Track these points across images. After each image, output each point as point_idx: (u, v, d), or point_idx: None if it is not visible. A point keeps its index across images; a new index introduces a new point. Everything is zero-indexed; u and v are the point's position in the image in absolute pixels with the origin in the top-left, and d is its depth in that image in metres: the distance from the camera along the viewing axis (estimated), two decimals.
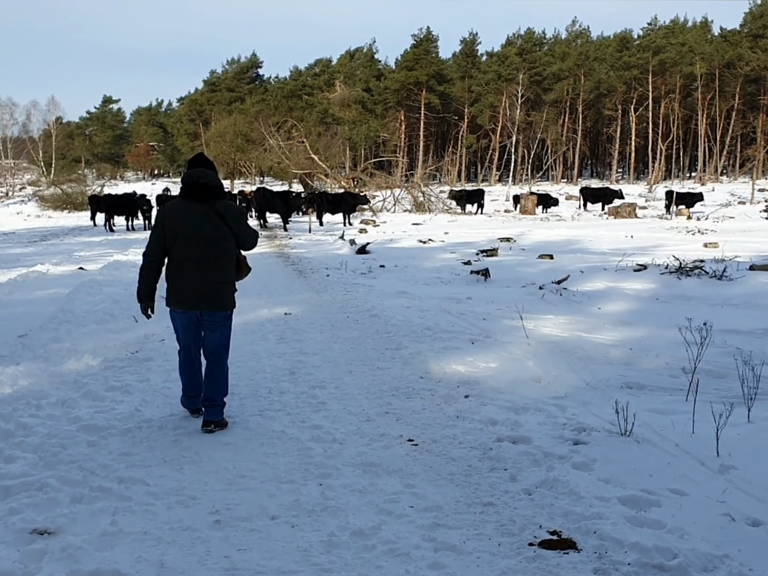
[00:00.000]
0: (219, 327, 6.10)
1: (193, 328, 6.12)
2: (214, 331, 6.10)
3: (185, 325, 6.13)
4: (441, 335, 8.84)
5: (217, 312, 6.04)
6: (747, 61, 76.15)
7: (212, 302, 5.99)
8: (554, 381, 6.90)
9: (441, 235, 25.00)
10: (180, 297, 5.99)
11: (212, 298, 5.97)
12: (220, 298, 6.02)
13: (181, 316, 6.09)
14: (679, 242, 21.30)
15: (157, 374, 7.44)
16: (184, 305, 6.01)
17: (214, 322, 6.07)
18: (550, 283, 13.24)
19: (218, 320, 6.07)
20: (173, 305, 6.08)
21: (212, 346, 6.13)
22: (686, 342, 6.73)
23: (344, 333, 9.38)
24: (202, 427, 5.90)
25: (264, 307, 11.33)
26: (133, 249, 22.49)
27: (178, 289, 5.96)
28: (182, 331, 6.19)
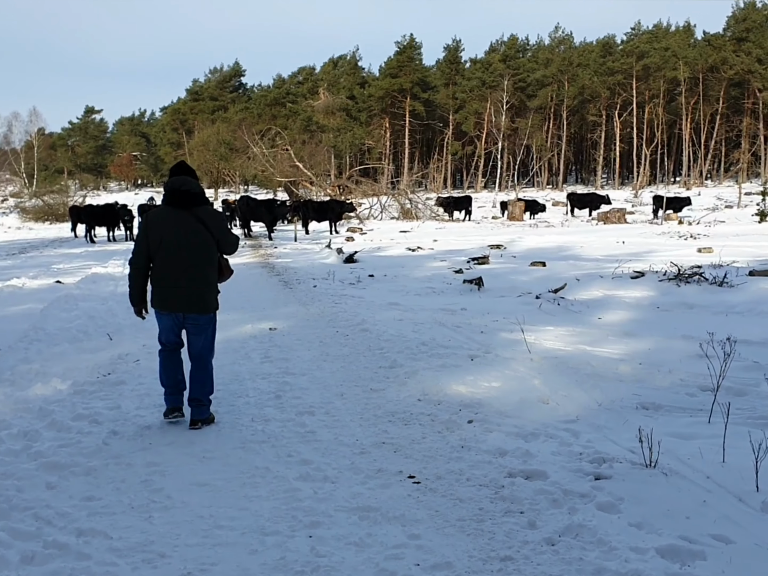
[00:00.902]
0: (203, 330, 6.30)
1: (176, 328, 6.33)
2: (198, 335, 6.30)
3: (169, 326, 6.32)
4: (438, 351, 8.26)
5: (201, 315, 6.25)
6: (731, 65, 76.15)
7: (196, 305, 6.20)
8: (563, 402, 6.33)
9: (430, 243, 24.45)
10: (164, 300, 6.19)
11: (195, 302, 6.19)
12: (203, 302, 6.23)
13: (166, 316, 6.28)
14: (673, 247, 20.82)
15: (129, 400, 6.82)
16: (168, 308, 6.21)
17: (197, 326, 6.27)
18: (546, 292, 12.71)
19: (202, 323, 6.28)
20: (157, 307, 6.26)
21: (197, 349, 6.32)
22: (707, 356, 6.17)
23: (334, 350, 8.77)
24: (190, 426, 6.11)
25: (248, 322, 10.72)
26: (113, 261, 21.86)
27: (163, 293, 6.17)
28: (166, 331, 6.36)
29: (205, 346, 6.35)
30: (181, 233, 6.07)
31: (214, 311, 6.40)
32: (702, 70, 78.35)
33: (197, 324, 6.27)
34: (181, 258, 6.08)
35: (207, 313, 6.30)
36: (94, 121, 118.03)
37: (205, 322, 6.30)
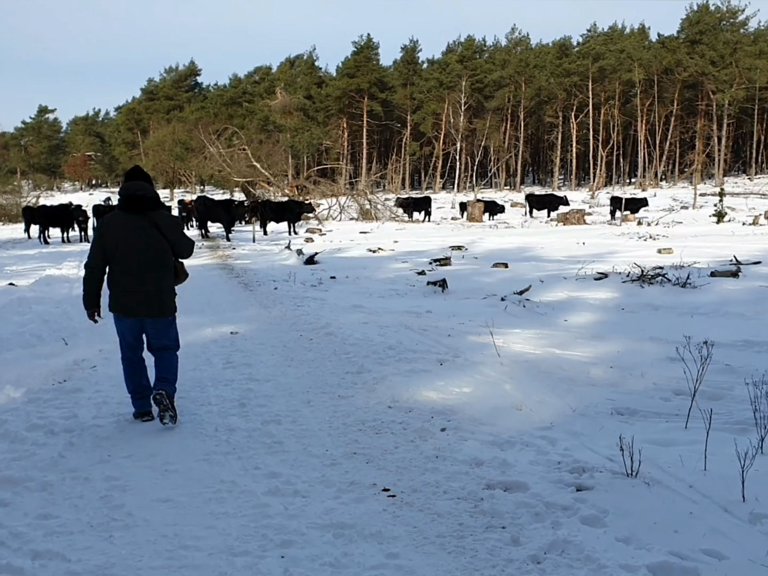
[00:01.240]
0: (163, 333, 6.37)
1: (136, 332, 6.36)
2: (159, 339, 6.37)
3: (128, 330, 6.34)
4: (405, 355, 8.05)
5: (159, 319, 6.31)
6: (685, 67, 77.12)
7: (154, 309, 6.26)
8: (537, 408, 6.17)
9: (390, 244, 24.26)
10: (122, 304, 6.20)
11: (153, 306, 6.24)
12: (161, 305, 6.29)
13: (125, 321, 6.29)
14: (633, 248, 20.87)
15: (86, 409, 6.52)
16: (126, 312, 6.23)
17: (157, 329, 6.33)
18: (512, 294, 12.58)
19: (161, 327, 6.34)
20: (116, 311, 6.28)
21: (161, 344, 6.37)
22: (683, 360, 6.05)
23: (298, 354, 8.53)
24: (155, 393, 6.11)
25: (208, 326, 10.44)
26: (67, 262, 21.37)
27: (121, 297, 6.18)
28: (125, 336, 6.39)
29: (171, 340, 6.46)
30: (137, 238, 6.13)
31: (173, 314, 6.47)
32: (657, 72, 79.30)
33: (157, 328, 6.34)
34: (138, 262, 6.14)
35: (166, 316, 6.37)
36: (48, 121, 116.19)
37: (165, 325, 6.37)
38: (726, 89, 75.05)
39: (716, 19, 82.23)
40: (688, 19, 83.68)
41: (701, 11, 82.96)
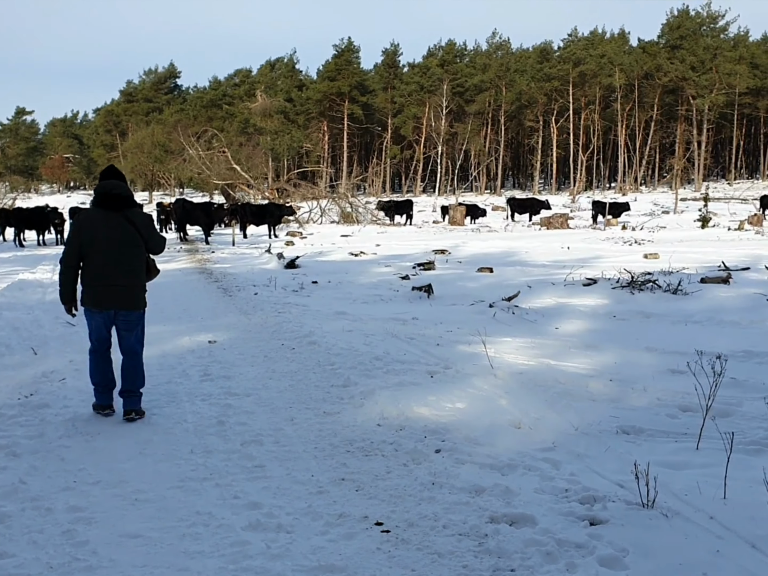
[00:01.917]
0: (133, 327, 6.60)
1: (107, 326, 6.54)
2: (129, 331, 6.58)
3: (100, 324, 6.50)
4: (393, 367, 7.63)
5: (131, 312, 6.53)
6: (665, 72, 77.30)
7: (126, 303, 6.47)
8: (537, 426, 5.77)
9: (372, 248, 23.89)
10: (96, 298, 6.39)
11: (126, 299, 6.46)
12: (133, 299, 6.52)
13: (97, 315, 6.46)
14: (618, 253, 20.63)
15: (53, 427, 6.05)
16: (100, 305, 6.41)
17: (128, 322, 6.54)
18: (500, 301, 12.19)
19: (132, 320, 6.56)
20: (89, 305, 6.44)
21: (129, 345, 6.61)
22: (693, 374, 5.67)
23: (280, 366, 8.07)
24: (124, 416, 6.35)
25: (185, 334, 9.97)
26: (42, 266, 20.82)
27: (94, 291, 6.37)
28: (96, 329, 6.54)
29: (137, 341, 6.68)
30: (112, 234, 6.34)
31: (143, 308, 6.71)
32: (637, 77, 79.49)
33: (128, 321, 6.55)
34: (113, 257, 6.35)
35: (138, 310, 6.61)
36: (25, 123, 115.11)
37: (136, 318, 6.61)
38: (706, 94, 75.30)
39: (696, 25, 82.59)
40: (669, 24, 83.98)
41: (682, 16, 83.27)
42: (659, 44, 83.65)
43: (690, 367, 5.80)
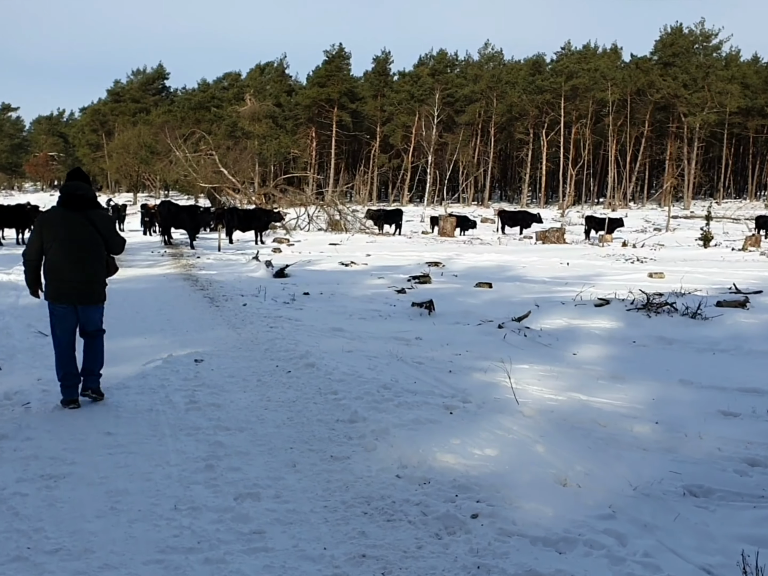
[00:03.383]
0: (93, 318, 6.96)
1: (69, 318, 6.82)
2: (89, 324, 6.94)
3: (62, 316, 6.80)
4: (405, 398, 6.69)
5: (91, 306, 6.90)
6: (657, 89, 76.98)
7: (86, 298, 6.84)
8: (586, 482, 4.85)
9: (363, 257, 22.99)
10: (58, 293, 6.74)
11: (86, 294, 6.82)
12: (93, 294, 6.88)
13: (59, 308, 6.78)
14: (621, 271, 19.80)
15: (9, 467, 5.07)
16: (61, 300, 6.76)
17: (88, 315, 6.90)
18: (509, 321, 11.30)
19: (91, 313, 6.92)
20: (51, 299, 6.79)
21: (89, 332, 6.96)
22: (749, 419, 4.79)
23: (276, 392, 7.10)
24: (82, 392, 6.80)
25: (168, 350, 9.00)
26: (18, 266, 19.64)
27: (56, 286, 6.72)
28: (59, 322, 6.82)
29: (96, 327, 7.01)
30: (75, 232, 6.71)
31: (103, 302, 7.06)
32: (629, 93, 79.08)
33: (88, 313, 6.90)
34: (73, 255, 6.70)
35: (97, 304, 6.97)
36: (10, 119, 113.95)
37: (95, 311, 6.97)
38: (697, 112, 74.99)
39: (690, 42, 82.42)
40: (662, 41, 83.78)
41: (675, 33, 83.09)
42: (652, 61, 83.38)
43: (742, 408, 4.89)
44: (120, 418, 6.21)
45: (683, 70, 77.83)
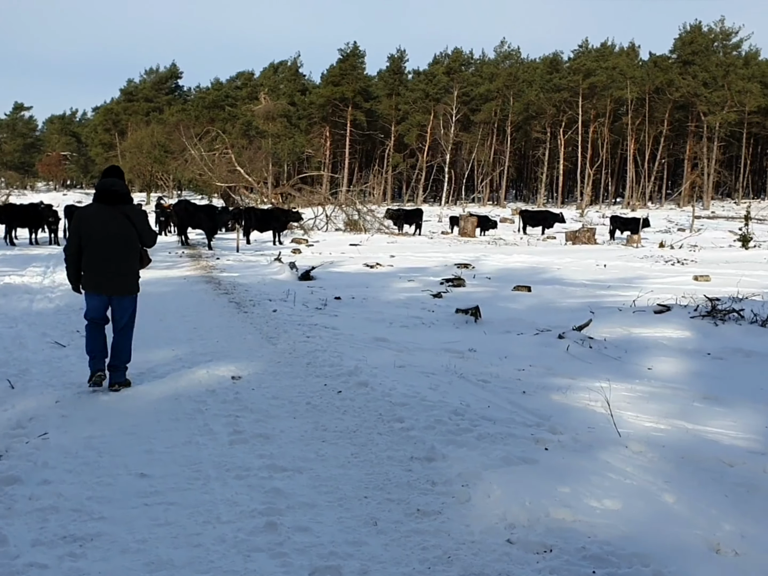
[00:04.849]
0: (126, 309, 7.28)
1: (103, 307, 7.19)
2: (122, 313, 7.25)
3: (97, 305, 7.16)
4: (484, 428, 5.68)
5: (125, 297, 7.23)
6: (677, 87, 75.69)
7: (121, 289, 7.18)
8: (743, 548, 3.84)
9: (387, 259, 22.06)
10: (94, 284, 7.08)
11: (121, 286, 7.17)
12: (128, 285, 7.24)
13: (96, 297, 7.14)
14: (663, 273, 18.80)
15: (21, 522, 4.08)
16: (97, 290, 7.10)
17: (122, 305, 7.23)
18: (570, 330, 10.28)
19: (125, 303, 7.26)
20: (88, 289, 7.15)
21: (121, 324, 7.26)
22: None
23: (331, 419, 6.10)
24: (109, 387, 7.07)
25: (200, 365, 8.03)
26: (32, 268, 18.91)
27: (93, 277, 7.07)
28: (94, 309, 7.18)
29: (128, 321, 7.34)
30: (109, 227, 7.03)
31: (136, 293, 7.41)
32: (648, 91, 77.82)
33: (122, 304, 7.25)
34: (109, 248, 7.04)
35: (131, 295, 7.33)
36: (23, 119, 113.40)
37: (129, 302, 7.32)
38: (717, 111, 73.65)
39: (709, 41, 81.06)
40: (681, 39, 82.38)
41: (694, 32, 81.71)
42: (671, 59, 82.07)
43: None
44: (153, 453, 5.24)
45: (703, 68, 76.46)
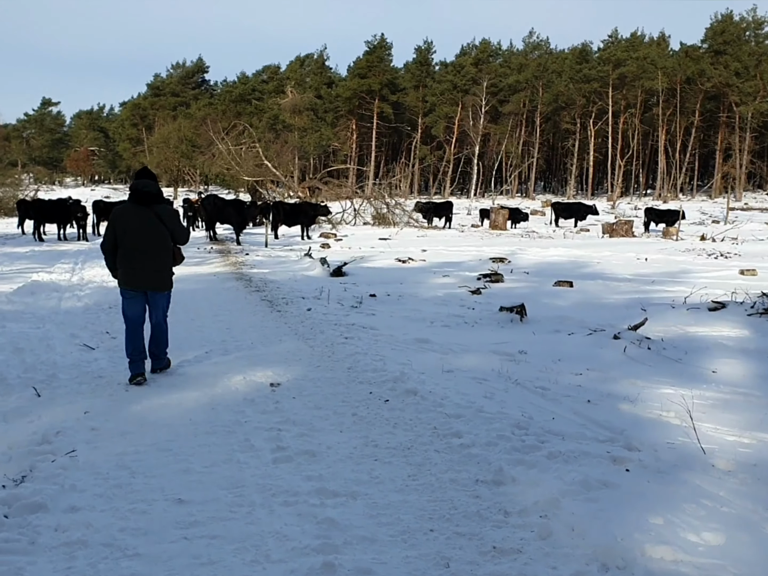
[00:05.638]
0: (160, 304, 7.73)
1: (139, 302, 7.59)
2: (156, 308, 7.71)
3: (132, 299, 7.55)
4: (554, 445, 5.14)
5: (158, 292, 7.66)
6: (708, 77, 74.41)
7: (155, 284, 7.61)
8: None
9: (418, 253, 21.47)
10: (129, 280, 7.50)
11: (155, 282, 7.60)
12: (161, 281, 7.65)
13: (130, 292, 7.54)
14: (708, 267, 18.10)
15: (45, 565, 3.61)
16: (132, 286, 7.51)
17: (156, 300, 7.67)
18: (625, 330, 9.68)
19: (160, 298, 7.70)
20: (123, 285, 7.54)
21: (156, 319, 7.71)
22: None
23: (381, 433, 5.57)
24: (151, 371, 7.64)
25: (236, 370, 7.56)
26: (60, 264, 18.61)
27: (128, 274, 7.48)
28: (130, 305, 7.56)
29: (162, 316, 7.75)
30: (142, 225, 7.37)
31: (170, 288, 7.77)
32: (679, 82, 76.55)
33: (156, 299, 7.63)
34: (142, 245, 7.37)
35: (164, 291, 7.69)
36: (51, 114, 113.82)
37: (162, 297, 7.69)
38: (749, 102, 72.27)
39: (741, 30, 79.68)
40: (712, 29, 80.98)
41: (726, 21, 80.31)
42: (702, 49, 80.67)
43: None
44: (190, 473, 4.75)
45: (735, 58, 75.12)
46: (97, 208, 30.06)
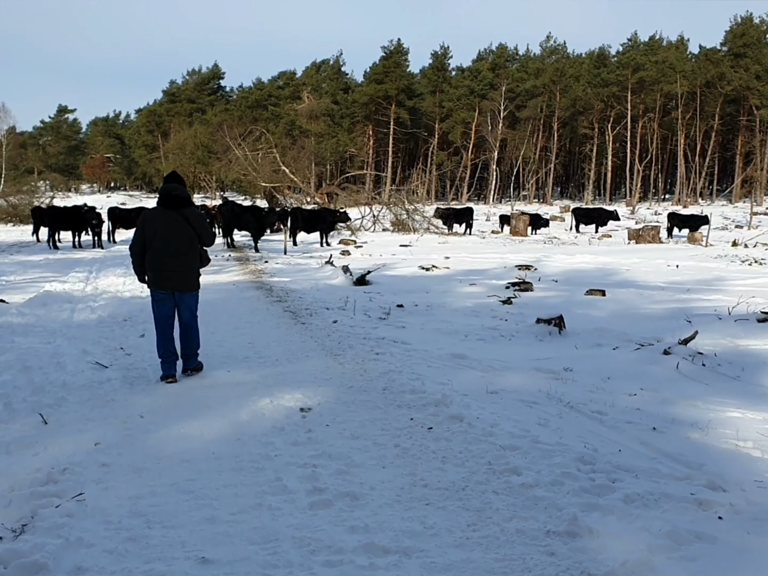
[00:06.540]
0: (189, 305, 7.94)
1: (168, 303, 7.81)
2: (185, 308, 7.90)
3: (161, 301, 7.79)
4: (628, 486, 4.47)
5: (186, 293, 7.89)
6: (728, 81, 73.41)
7: (183, 285, 7.84)
8: None
9: (441, 260, 20.83)
10: (158, 281, 7.76)
11: (182, 283, 7.83)
12: (189, 282, 7.90)
13: (159, 293, 7.79)
14: (744, 274, 17.36)
15: None
16: (161, 287, 7.76)
17: (184, 301, 7.88)
18: (676, 345, 9.01)
19: (188, 299, 7.92)
20: (152, 286, 7.81)
21: (185, 320, 7.92)
22: None
23: (429, 470, 4.91)
24: (182, 372, 7.87)
25: (262, 392, 6.93)
26: (74, 273, 18.11)
27: (157, 276, 7.75)
28: (159, 306, 7.81)
29: (191, 316, 7.97)
30: (170, 228, 7.69)
31: (197, 289, 8.03)
32: (699, 85, 75.58)
33: (185, 299, 7.88)
34: (170, 247, 7.68)
35: (192, 291, 7.96)
36: (67, 121, 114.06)
37: (191, 298, 7.95)
38: None
39: (761, 33, 78.56)
40: (732, 32, 79.92)
41: (745, 23, 79.27)
42: (721, 52, 79.65)
43: None
44: (216, 522, 4.12)
45: (755, 60, 74.06)
46: (113, 215, 29.59)
